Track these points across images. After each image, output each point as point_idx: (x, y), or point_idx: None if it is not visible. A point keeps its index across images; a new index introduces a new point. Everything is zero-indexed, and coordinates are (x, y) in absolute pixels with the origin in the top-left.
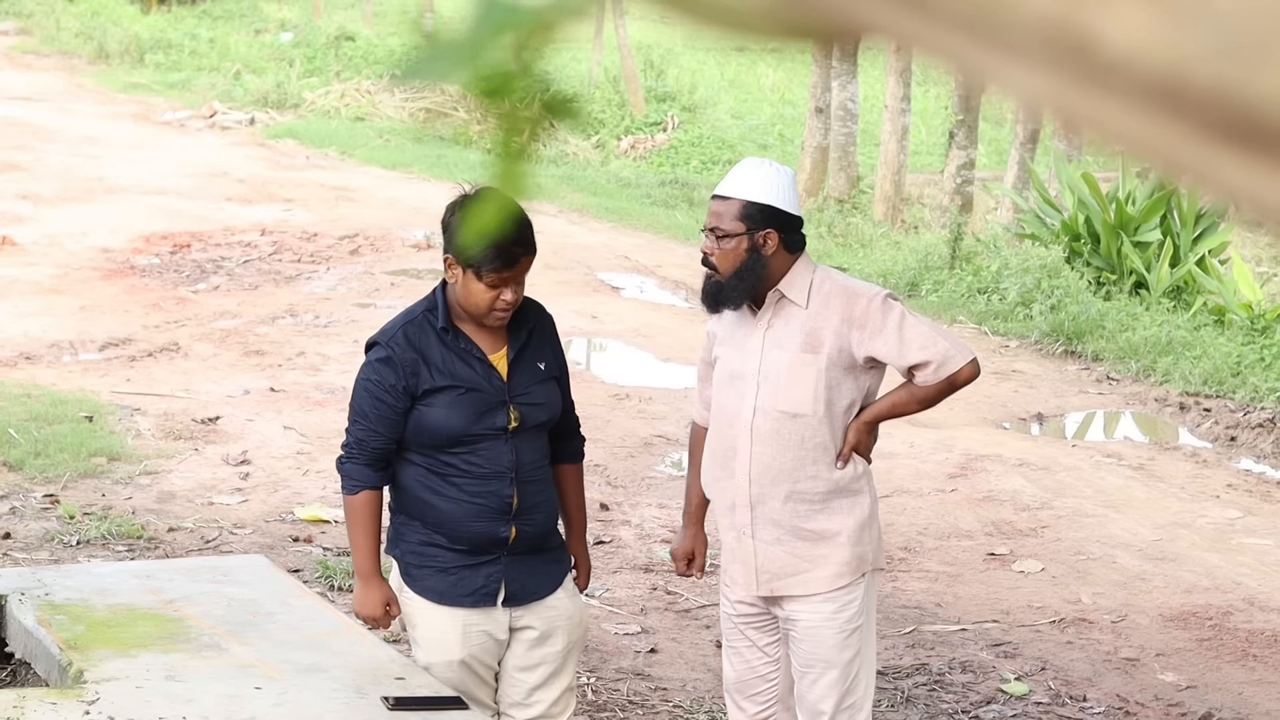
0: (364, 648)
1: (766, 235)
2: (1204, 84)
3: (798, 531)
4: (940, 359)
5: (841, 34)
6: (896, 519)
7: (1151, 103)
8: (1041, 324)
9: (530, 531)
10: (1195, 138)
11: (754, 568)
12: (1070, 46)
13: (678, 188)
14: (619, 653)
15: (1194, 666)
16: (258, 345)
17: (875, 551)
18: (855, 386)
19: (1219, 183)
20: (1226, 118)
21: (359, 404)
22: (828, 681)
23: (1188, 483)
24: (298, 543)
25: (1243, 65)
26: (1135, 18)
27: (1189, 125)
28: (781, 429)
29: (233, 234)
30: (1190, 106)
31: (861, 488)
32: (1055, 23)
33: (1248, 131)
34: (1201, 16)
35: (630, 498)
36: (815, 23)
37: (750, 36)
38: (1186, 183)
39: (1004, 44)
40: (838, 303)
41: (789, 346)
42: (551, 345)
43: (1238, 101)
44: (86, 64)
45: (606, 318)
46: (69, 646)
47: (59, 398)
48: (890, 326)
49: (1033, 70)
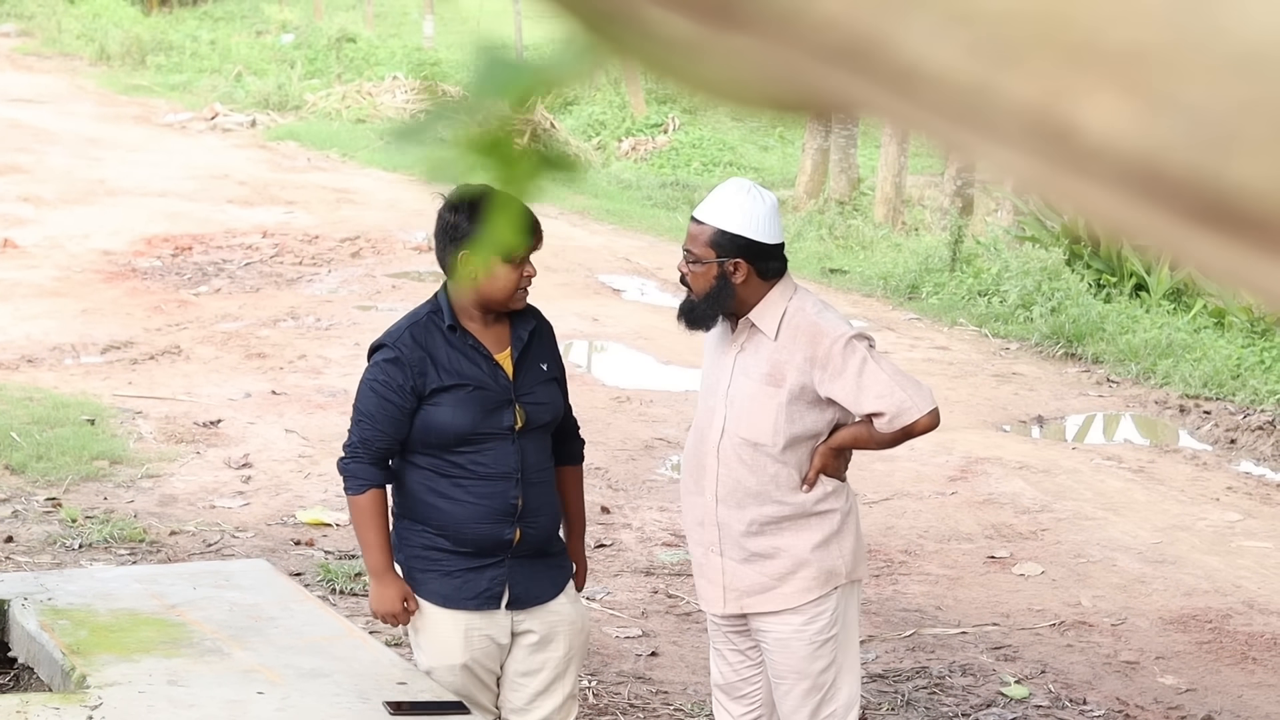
0: (366, 652)
1: (736, 264)
2: (1178, 171)
3: (763, 551)
4: (895, 411)
5: (834, 111)
6: (897, 522)
7: (1129, 187)
8: (1042, 326)
9: (534, 534)
10: (1172, 220)
11: (721, 585)
12: (1051, 134)
13: (678, 189)
14: (620, 656)
15: (1194, 669)
16: (259, 348)
17: (850, 565)
18: (820, 418)
19: (1196, 261)
20: (1200, 203)
21: (365, 405)
22: (799, 693)
23: (1187, 485)
24: (299, 546)
25: (1214, 154)
26: (1113, 108)
27: (1166, 209)
28: (744, 454)
29: (234, 236)
30: (1166, 192)
31: (830, 507)
32: (1036, 111)
33: (1221, 216)
34: (1175, 108)
35: (631, 501)
36: (809, 100)
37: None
38: (1166, 258)
39: (988, 129)
40: (804, 339)
41: (754, 376)
42: (550, 347)
43: (1210, 188)
44: (88, 66)
45: (607, 320)
46: (72, 651)
47: (61, 401)
48: (850, 371)
49: (1017, 153)
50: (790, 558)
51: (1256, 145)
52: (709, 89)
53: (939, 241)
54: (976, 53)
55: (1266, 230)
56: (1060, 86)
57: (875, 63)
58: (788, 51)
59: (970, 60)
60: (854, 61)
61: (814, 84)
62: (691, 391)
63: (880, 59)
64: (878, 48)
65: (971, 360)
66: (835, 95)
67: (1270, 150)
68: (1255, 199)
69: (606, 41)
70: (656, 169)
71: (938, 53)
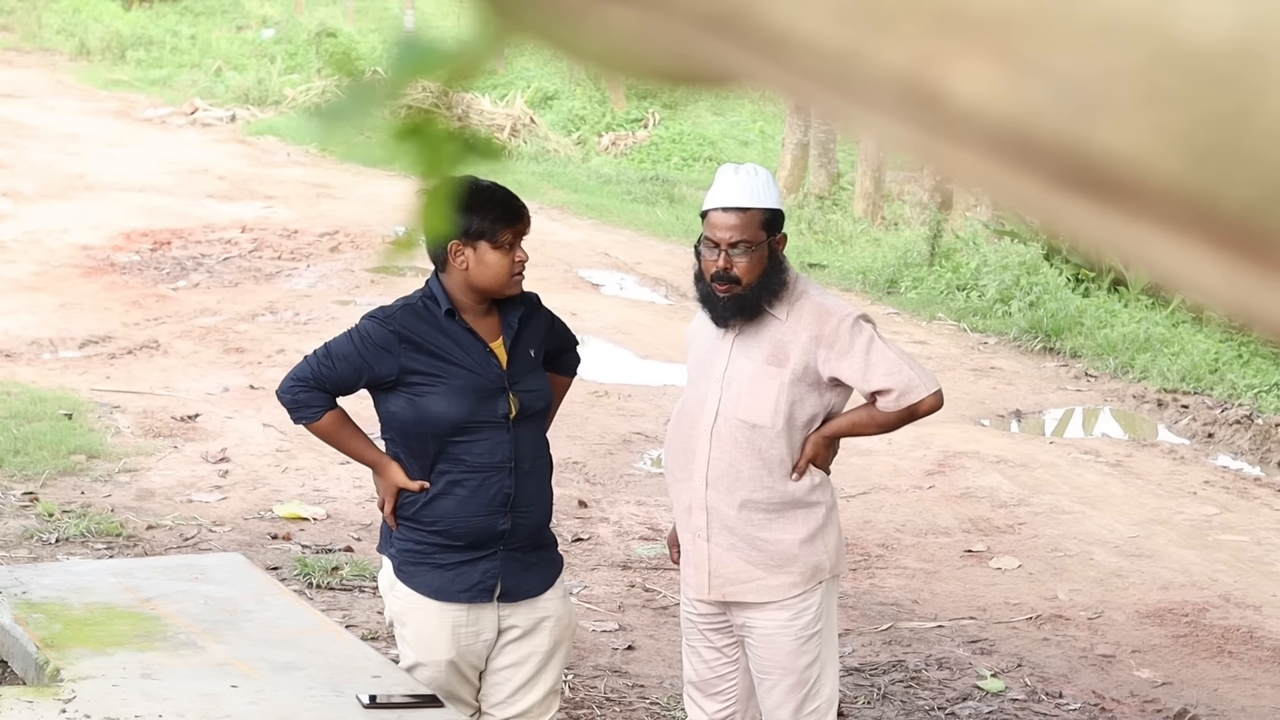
0: (340, 646)
1: (781, 238)
2: (1046, 137)
3: (751, 540)
4: (903, 388)
5: (718, 81)
6: (874, 516)
7: (1000, 152)
8: (1020, 321)
9: (526, 525)
10: (1042, 185)
11: (707, 572)
12: (921, 100)
13: (658, 184)
14: (596, 650)
15: (1170, 663)
16: (237, 343)
17: (833, 560)
18: (819, 402)
19: (1068, 225)
20: (1069, 168)
21: (337, 347)
22: (784, 688)
23: (1165, 479)
24: (276, 540)
25: (1080, 120)
26: (980, 74)
27: (1036, 174)
28: (740, 437)
29: (213, 231)
30: (1035, 157)
31: (817, 499)
32: (906, 77)
33: (1088, 180)
34: (1041, 74)
35: (608, 495)
36: (694, 71)
37: (628, 77)
38: (1041, 223)
39: (861, 95)
40: (809, 319)
41: (755, 356)
42: (539, 324)
43: (1077, 153)
44: (68, 61)
45: (586, 315)
46: (46, 645)
47: (38, 395)
48: (858, 349)
49: (890, 120)
50: (778, 551)
51: (1119, 111)
52: (601, 61)
53: (918, 236)
54: (846, 19)
55: (1132, 194)
56: (929, 53)
57: (748, 30)
58: (666, 20)
59: (840, 26)
60: (728, 29)
61: (696, 54)
62: (670, 386)
63: (752, 26)
64: (748, 15)
65: (950, 354)
66: (717, 65)
67: (1132, 116)
68: (1120, 164)
69: (505, 18)
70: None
71: (807, 19)
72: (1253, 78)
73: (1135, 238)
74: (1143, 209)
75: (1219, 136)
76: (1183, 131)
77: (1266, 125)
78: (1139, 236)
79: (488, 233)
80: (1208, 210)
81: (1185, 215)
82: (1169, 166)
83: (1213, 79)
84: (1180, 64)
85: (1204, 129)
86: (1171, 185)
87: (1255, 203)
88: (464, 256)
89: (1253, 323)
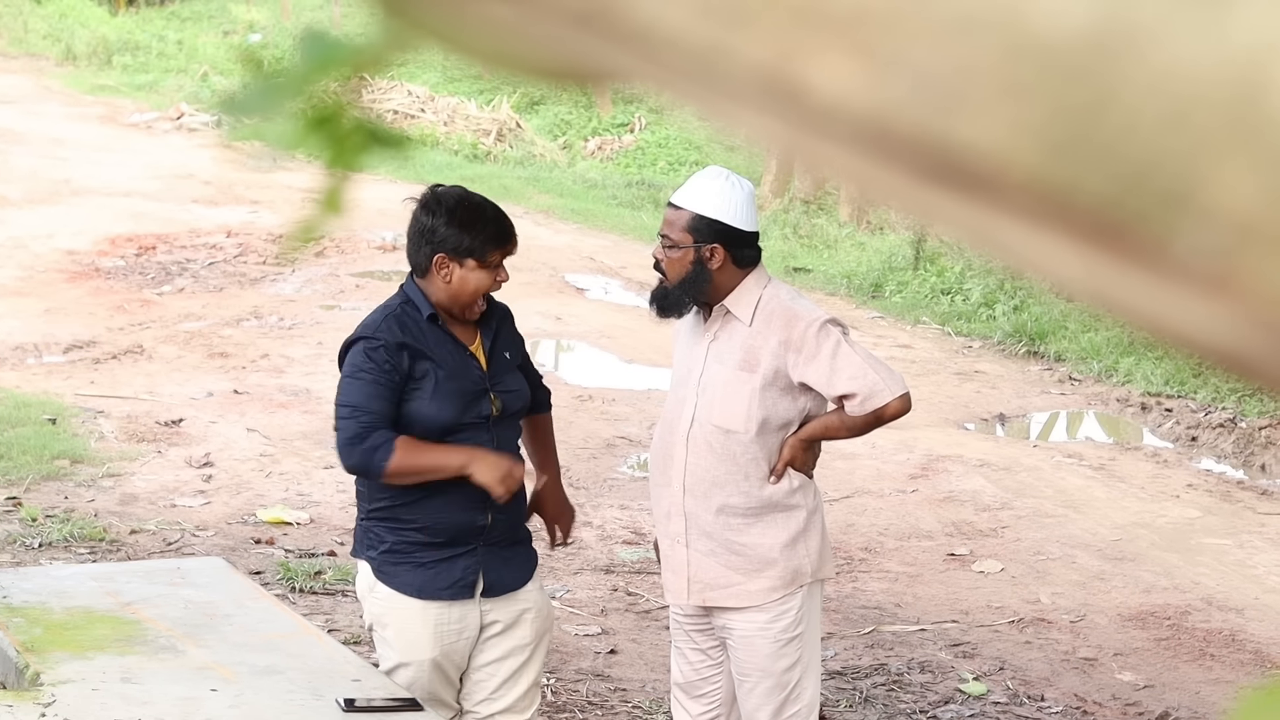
0: (320, 650)
1: (713, 250)
2: (907, 131)
3: (729, 544)
4: (867, 392)
5: (594, 77)
6: (857, 519)
7: (863, 146)
8: (1004, 324)
9: (505, 520)
10: (907, 179)
11: (686, 577)
12: (784, 94)
13: (644, 189)
14: (579, 653)
15: (1152, 666)
16: (222, 347)
17: (816, 563)
18: (792, 406)
19: (933, 217)
20: (931, 162)
21: (351, 398)
22: (763, 691)
23: (1148, 483)
24: (260, 545)
25: (939, 114)
26: (840, 68)
27: (899, 167)
28: (715, 442)
29: (198, 236)
30: (897, 150)
31: (797, 503)
32: (769, 72)
33: (951, 173)
34: (900, 69)
35: (592, 499)
36: (570, 67)
37: (511, 74)
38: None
39: (727, 90)
40: (778, 324)
41: (728, 362)
42: (512, 334)
43: (938, 147)
44: (54, 66)
45: (571, 319)
46: (26, 649)
47: (22, 400)
48: (824, 354)
49: (756, 114)
50: (757, 556)
51: (976, 105)
52: (487, 58)
53: (903, 240)
54: (708, 14)
55: (992, 187)
56: (789, 48)
57: (614, 26)
58: (538, 16)
59: (702, 21)
60: (595, 25)
61: (571, 50)
62: (654, 390)
63: (618, 22)
64: (613, 11)
65: (934, 358)
66: (590, 61)
67: (989, 110)
68: (979, 157)
69: (396, 16)
70: (622, 168)
71: (670, 14)
72: (1106, 72)
73: (997, 229)
74: (1003, 201)
75: (1073, 130)
76: (1038, 125)
77: (1119, 119)
78: (1001, 228)
79: (477, 251)
80: (1065, 202)
81: (1044, 207)
82: (1026, 160)
83: (1066, 73)
84: (1034, 58)
85: (1059, 123)
86: (1029, 178)
87: (1110, 195)
88: (449, 270)
89: (1111, 311)
